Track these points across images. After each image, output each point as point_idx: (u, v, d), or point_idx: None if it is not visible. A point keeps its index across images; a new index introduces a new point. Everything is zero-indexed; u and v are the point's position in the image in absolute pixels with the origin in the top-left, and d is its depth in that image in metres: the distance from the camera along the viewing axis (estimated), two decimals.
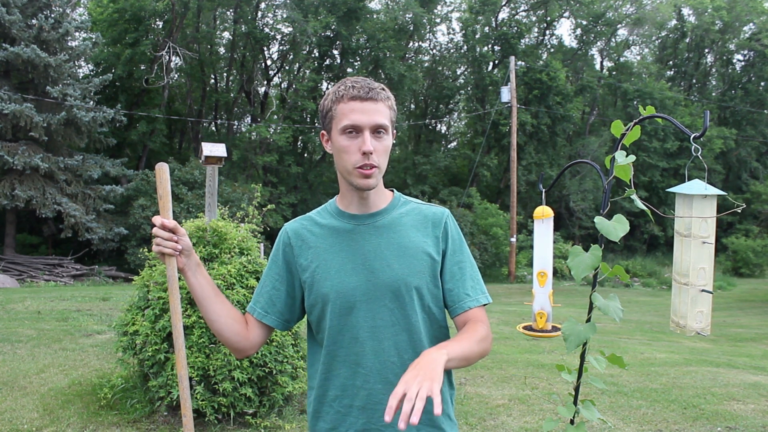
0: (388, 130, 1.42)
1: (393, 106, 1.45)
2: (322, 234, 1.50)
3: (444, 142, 32.82)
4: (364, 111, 1.38)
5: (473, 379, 5.58)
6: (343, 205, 1.51)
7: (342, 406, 1.46)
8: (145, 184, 18.75)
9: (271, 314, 1.52)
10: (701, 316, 2.87)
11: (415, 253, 1.45)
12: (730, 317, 13.30)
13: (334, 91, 1.43)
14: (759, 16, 30.37)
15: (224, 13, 25.35)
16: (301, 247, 1.50)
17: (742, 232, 27.95)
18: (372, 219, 1.48)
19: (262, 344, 1.55)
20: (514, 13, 29.30)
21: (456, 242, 1.50)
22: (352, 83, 1.41)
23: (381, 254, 1.45)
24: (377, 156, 1.39)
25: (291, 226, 1.55)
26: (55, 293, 11.35)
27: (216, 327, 1.46)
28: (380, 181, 1.47)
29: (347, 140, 1.39)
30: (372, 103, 1.39)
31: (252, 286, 3.96)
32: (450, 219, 1.52)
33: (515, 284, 20.08)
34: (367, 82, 1.41)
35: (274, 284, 1.53)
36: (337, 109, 1.40)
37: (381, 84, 1.44)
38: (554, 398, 3.40)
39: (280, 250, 1.54)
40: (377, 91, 1.40)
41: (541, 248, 3.78)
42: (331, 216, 1.52)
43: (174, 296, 1.45)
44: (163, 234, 1.39)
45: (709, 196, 2.82)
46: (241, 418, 3.93)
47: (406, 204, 1.53)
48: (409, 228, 1.48)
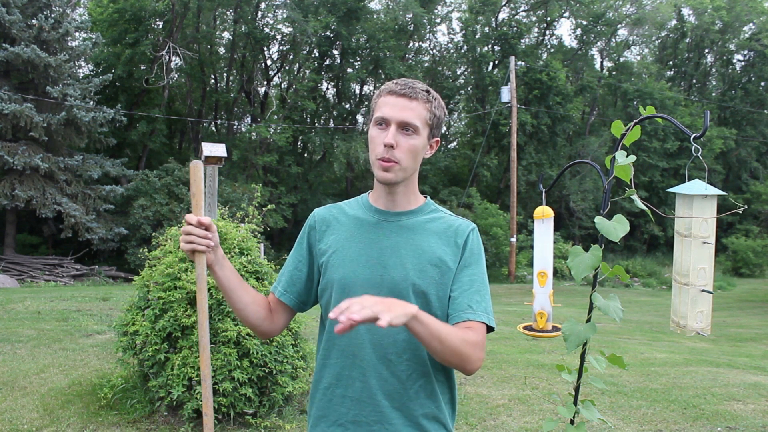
0: (417, 129, 1.42)
1: (434, 109, 1.44)
2: (347, 223, 1.53)
3: (444, 142, 32.80)
4: (395, 106, 1.41)
5: (473, 379, 5.58)
6: (372, 199, 1.54)
7: (334, 395, 1.47)
8: (145, 184, 18.75)
9: (290, 293, 1.56)
10: (701, 316, 2.87)
11: (431, 258, 1.45)
12: (731, 317, 13.30)
13: (382, 87, 1.47)
14: (759, 16, 30.37)
15: (224, 13, 25.35)
16: (325, 232, 1.54)
17: (742, 232, 27.95)
18: (397, 217, 1.50)
19: (285, 326, 1.61)
20: (514, 13, 29.29)
21: (474, 257, 1.48)
22: (397, 81, 1.45)
23: (397, 252, 1.45)
24: (400, 152, 1.41)
25: (319, 212, 1.59)
26: (55, 293, 11.34)
27: (243, 315, 1.51)
28: (408, 181, 1.49)
29: (376, 131, 1.44)
30: (406, 99, 1.40)
31: (252, 286, 3.96)
32: (474, 233, 1.51)
33: (515, 284, 20.08)
34: (412, 81, 1.44)
35: (296, 265, 1.57)
36: (377, 102, 1.46)
37: (429, 87, 1.45)
38: (554, 398, 3.40)
39: (306, 233, 1.58)
40: (416, 90, 1.42)
41: (542, 248, 3.78)
42: (360, 207, 1.55)
43: (202, 294, 1.45)
44: (198, 231, 1.39)
45: (710, 197, 2.82)
46: (241, 418, 3.92)
47: (435, 212, 1.54)
48: (431, 234, 1.48)
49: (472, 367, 1.37)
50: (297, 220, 23.69)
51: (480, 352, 1.38)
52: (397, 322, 1.19)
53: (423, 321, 1.26)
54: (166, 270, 3.96)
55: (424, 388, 1.45)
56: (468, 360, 1.35)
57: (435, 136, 1.48)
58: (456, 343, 1.32)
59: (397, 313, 1.19)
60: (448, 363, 1.38)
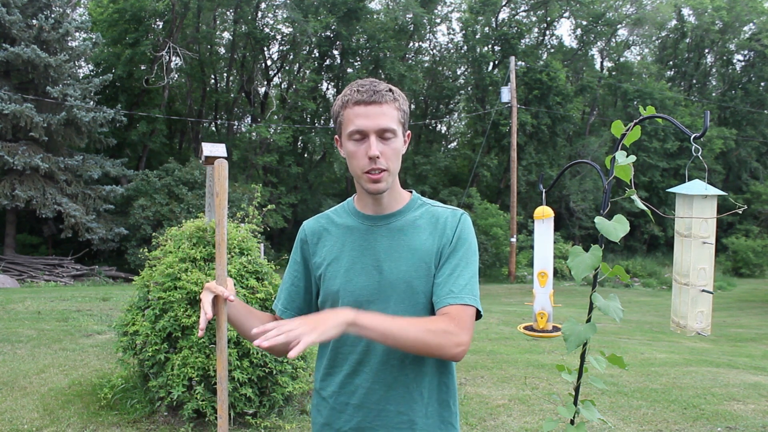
0: (395, 132, 1.41)
1: (402, 106, 1.43)
2: (337, 232, 1.52)
3: (444, 142, 32.83)
4: (368, 115, 1.37)
5: (473, 379, 5.58)
6: (359, 206, 1.53)
7: (338, 403, 1.47)
8: (145, 184, 18.75)
9: (290, 310, 1.56)
10: (701, 317, 2.86)
11: (424, 256, 1.44)
12: (731, 317, 13.29)
13: (341, 96, 1.43)
14: (759, 16, 30.36)
15: (224, 13, 25.36)
16: (317, 245, 1.53)
17: (742, 232, 27.94)
18: (386, 220, 1.49)
19: None
20: (514, 14, 29.29)
21: (461, 241, 1.46)
22: (358, 87, 1.40)
23: (392, 256, 1.45)
24: (385, 159, 1.39)
25: (308, 224, 1.58)
26: (55, 293, 11.34)
27: None
28: (395, 183, 1.47)
29: (354, 145, 1.40)
30: (376, 106, 1.38)
31: (252, 286, 3.96)
32: (464, 220, 1.49)
33: (515, 284, 20.07)
34: (373, 85, 1.40)
35: (293, 281, 1.57)
36: (344, 114, 1.41)
37: (389, 85, 1.43)
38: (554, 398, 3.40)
39: (299, 248, 1.57)
40: (382, 94, 1.39)
41: (542, 248, 3.77)
42: (348, 215, 1.54)
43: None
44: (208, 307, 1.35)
45: (710, 197, 2.81)
46: (242, 418, 3.92)
47: (422, 206, 1.52)
48: (421, 231, 1.47)
49: (450, 353, 1.33)
50: (297, 220, 23.69)
51: (458, 337, 1.33)
52: (328, 336, 1.19)
53: (365, 325, 1.25)
54: (166, 270, 3.96)
55: (429, 390, 1.45)
56: (442, 348, 1.31)
57: (406, 130, 1.48)
58: (417, 336, 1.29)
59: (325, 328, 1.19)
60: (422, 354, 1.36)
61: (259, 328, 1.18)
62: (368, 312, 1.32)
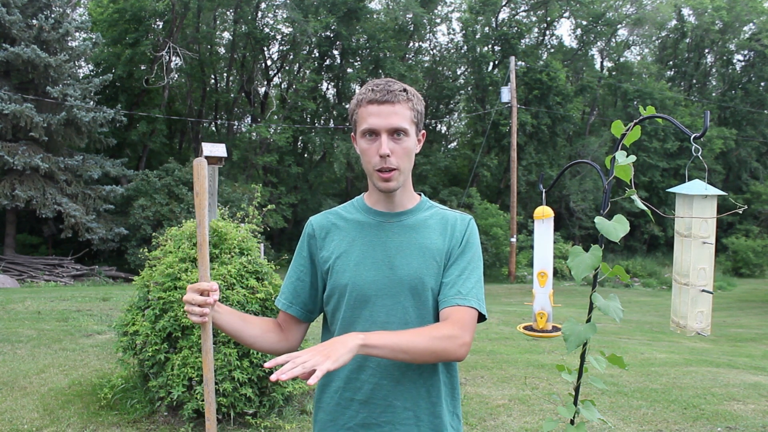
0: (407, 131, 1.43)
1: (416, 106, 1.46)
2: (347, 227, 1.53)
3: (444, 142, 32.81)
4: (380, 114, 1.40)
5: (473, 379, 5.58)
6: (370, 202, 1.54)
7: (343, 398, 1.47)
8: (145, 184, 18.75)
9: (295, 305, 1.56)
10: (701, 317, 2.86)
11: (435, 254, 1.46)
12: (731, 317, 13.29)
13: (357, 94, 1.47)
14: (759, 16, 30.36)
15: (224, 13, 25.36)
16: (325, 239, 1.53)
17: (742, 232, 27.94)
18: (398, 218, 1.51)
19: (302, 339, 1.60)
20: (514, 14, 29.29)
21: (469, 245, 1.50)
22: (372, 86, 1.43)
23: (403, 252, 1.46)
24: (396, 158, 1.42)
25: (316, 219, 1.58)
26: (55, 293, 11.34)
27: (257, 347, 1.51)
28: (407, 182, 1.50)
29: (366, 143, 1.43)
30: (389, 106, 1.40)
31: (252, 286, 3.96)
32: (472, 225, 1.53)
33: (515, 284, 20.07)
34: (388, 84, 1.43)
35: (298, 275, 1.57)
36: (358, 112, 1.44)
37: (404, 85, 1.45)
38: (554, 398, 3.40)
39: (305, 242, 1.57)
40: (395, 94, 1.41)
41: (542, 248, 3.78)
42: (358, 211, 1.55)
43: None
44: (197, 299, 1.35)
45: (710, 197, 2.82)
46: (242, 419, 3.92)
47: (432, 208, 1.55)
48: (432, 230, 1.50)
49: (455, 356, 1.36)
50: (297, 220, 23.70)
51: (461, 339, 1.36)
52: (342, 362, 1.19)
53: (376, 344, 1.26)
54: (166, 270, 3.97)
55: (436, 386, 1.46)
56: (447, 352, 1.35)
57: (420, 130, 1.50)
58: (425, 345, 1.32)
59: (338, 355, 1.19)
60: (431, 362, 1.40)
61: (271, 362, 1.17)
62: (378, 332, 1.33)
